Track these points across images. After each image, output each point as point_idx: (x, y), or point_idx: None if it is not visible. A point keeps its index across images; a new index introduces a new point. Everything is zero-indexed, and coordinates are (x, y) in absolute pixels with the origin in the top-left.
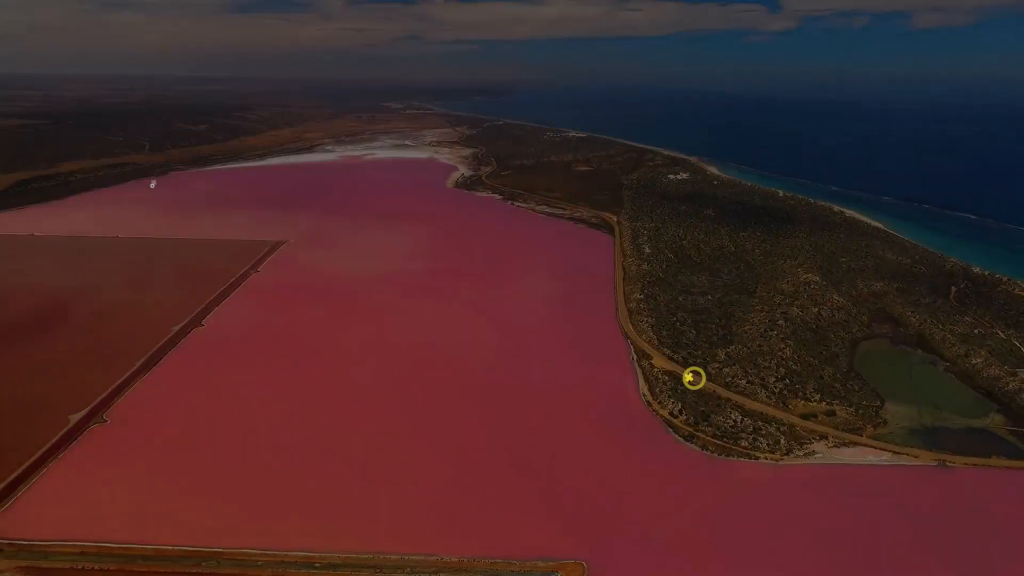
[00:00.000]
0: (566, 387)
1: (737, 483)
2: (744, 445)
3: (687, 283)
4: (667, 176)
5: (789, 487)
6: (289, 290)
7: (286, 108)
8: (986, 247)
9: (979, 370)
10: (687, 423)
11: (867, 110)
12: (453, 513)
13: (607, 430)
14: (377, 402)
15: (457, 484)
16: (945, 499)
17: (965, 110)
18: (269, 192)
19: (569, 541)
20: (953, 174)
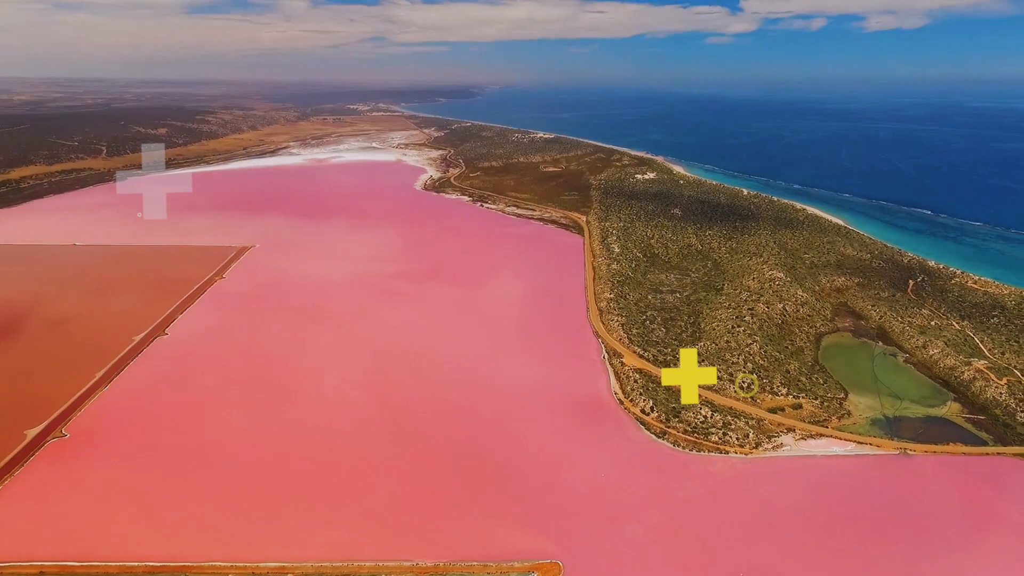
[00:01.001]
0: (538, 387)
1: (709, 478)
2: (715, 440)
3: (656, 281)
4: (634, 176)
5: (759, 480)
6: (256, 296)
7: (249, 111)
8: (941, 242)
9: (936, 360)
10: (659, 420)
11: (826, 110)
12: (427, 517)
13: (580, 429)
14: (347, 408)
15: (430, 488)
16: (907, 486)
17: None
18: (234, 196)
19: (545, 541)
20: (909, 172)
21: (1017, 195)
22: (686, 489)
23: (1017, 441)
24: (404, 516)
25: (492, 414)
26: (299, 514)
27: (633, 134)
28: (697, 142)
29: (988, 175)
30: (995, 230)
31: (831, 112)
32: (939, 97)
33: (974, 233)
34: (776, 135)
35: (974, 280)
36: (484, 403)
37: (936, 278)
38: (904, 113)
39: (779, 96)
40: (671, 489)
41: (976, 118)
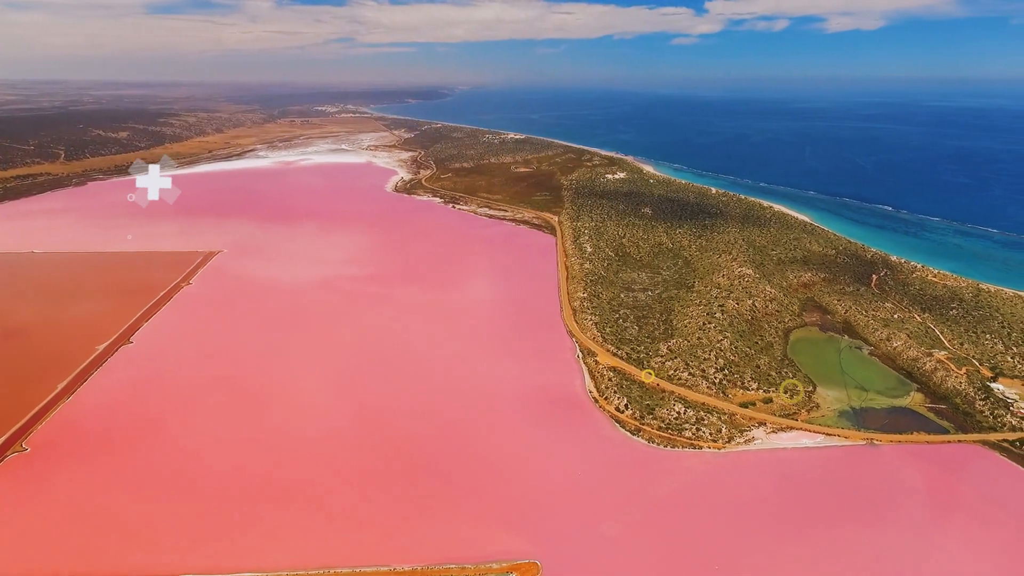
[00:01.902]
0: (513, 388)
1: (683, 473)
2: (688, 436)
3: (628, 280)
4: (605, 176)
5: (732, 474)
6: (224, 302)
7: (214, 113)
8: (902, 237)
9: (900, 352)
10: (633, 417)
11: (790, 109)
12: (404, 521)
13: (555, 428)
14: (320, 413)
15: (406, 491)
16: (874, 475)
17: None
18: (199, 201)
19: (522, 541)
20: (870, 169)
21: (972, 191)
22: (661, 485)
23: (976, 429)
24: (381, 520)
25: (467, 415)
26: (274, 521)
27: (603, 134)
28: (666, 142)
29: (945, 171)
30: (952, 225)
31: (794, 111)
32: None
33: (933, 228)
34: (742, 134)
35: (934, 274)
36: (458, 404)
37: (898, 272)
38: (864, 112)
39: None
40: (647, 486)
41: (932, 116)
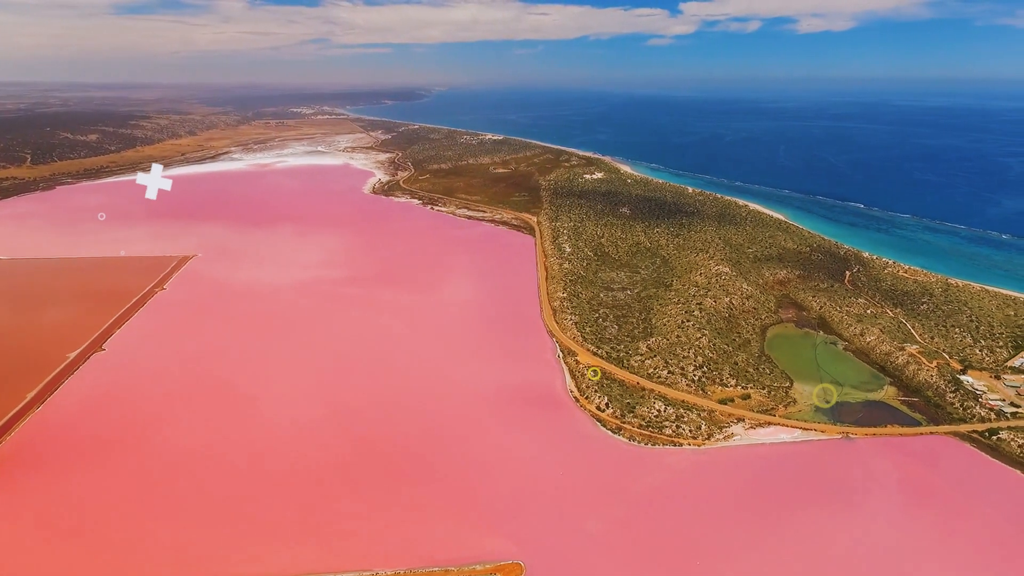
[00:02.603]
0: (494, 388)
1: (664, 471)
2: (669, 433)
3: (607, 280)
4: (583, 176)
5: (713, 470)
6: (200, 306)
7: (187, 115)
8: (873, 233)
9: (873, 347)
10: (614, 416)
11: (763, 109)
12: (387, 524)
13: (537, 428)
14: (299, 418)
15: (388, 494)
16: (850, 468)
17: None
18: (173, 204)
19: (506, 542)
20: (842, 167)
21: (940, 188)
22: (643, 482)
23: (947, 420)
24: (363, 524)
25: (448, 417)
26: (253, 529)
27: (580, 134)
28: (643, 142)
29: (914, 169)
30: (922, 221)
31: (768, 111)
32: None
33: (903, 225)
34: (718, 134)
35: (905, 269)
36: (440, 406)
37: (870, 268)
38: (835, 111)
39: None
40: (628, 483)
41: (901, 115)
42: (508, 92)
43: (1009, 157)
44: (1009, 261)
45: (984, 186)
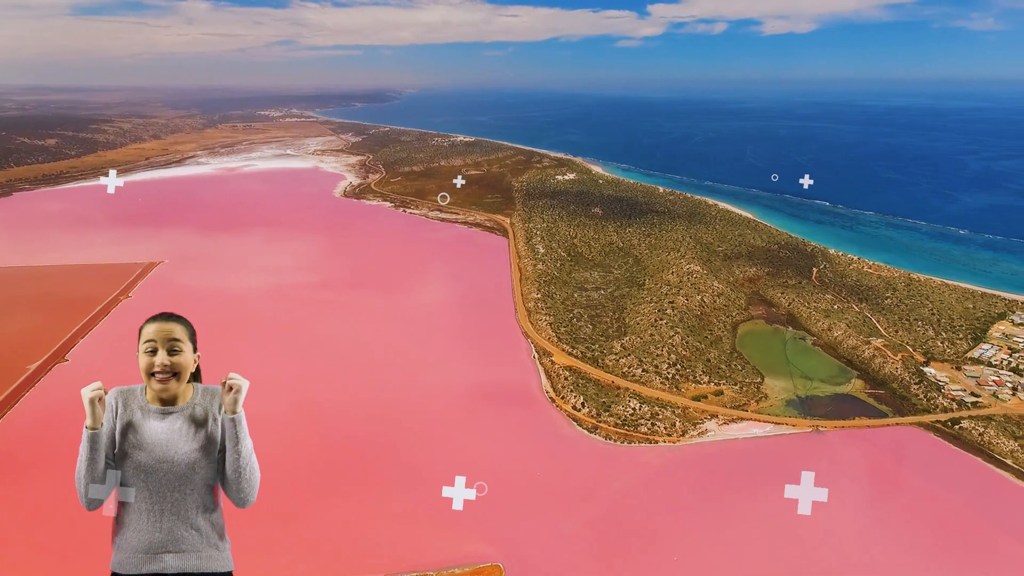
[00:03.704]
0: (469, 390)
1: (640, 468)
2: (644, 431)
3: (581, 280)
4: (555, 177)
5: (688, 466)
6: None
7: (150, 118)
8: (839, 230)
9: (840, 341)
10: (590, 415)
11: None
12: (360, 529)
13: (513, 429)
14: (272, 424)
15: (363, 500)
16: (821, 460)
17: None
18: (138, 210)
19: (483, 545)
20: (807, 166)
21: (902, 186)
22: (620, 480)
23: (912, 411)
24: (335, 529)
25: (423, 420)
26: None
27: (552, 136)
28: (613, 142)
29: (877, 168)
30: (885, 218)
31: (735, 111)
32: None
33: (867, 222)
34: (687, 134)
35: (869, 265)
36: (414, 409)
37: (836, 264)
38: (800, 111)
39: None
40: (605, 482)
41: (863, 115)
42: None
43: (965, 155)
44: (968, 256)
45: (943, 183)
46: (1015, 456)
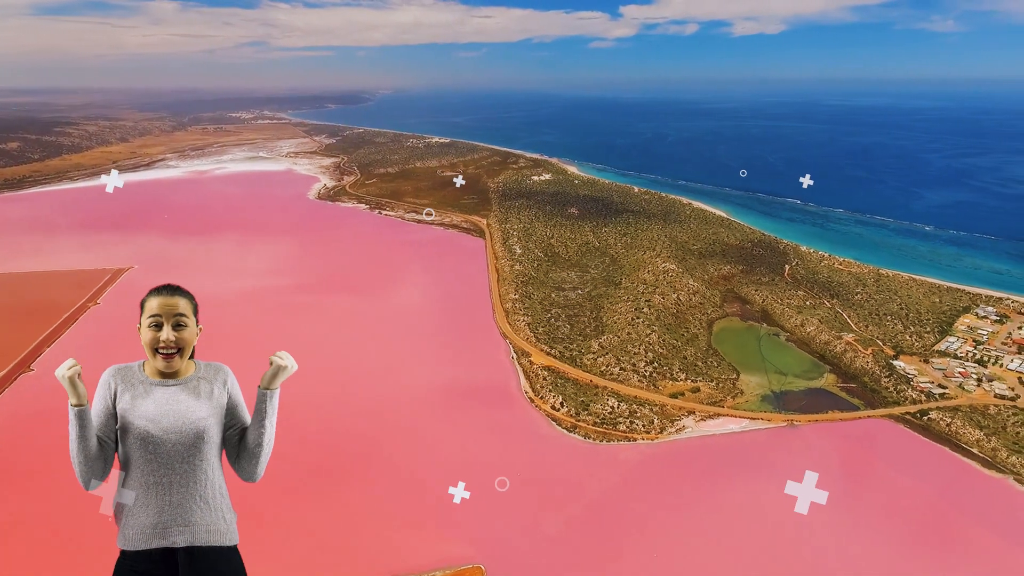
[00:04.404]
0: (448, 392)
1: (620, 466)
2: (622, 429)
3: (558, 280)
4: (531, 178)
5: (666, 463)
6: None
7: (117, 121)
8: (809, 228)
9: (813, 337)
10: (569, 415)
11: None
12: (338, 532)
13: (492, 430)
14: None
15: (342, 504)
16: (795, 453)
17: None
18: (106, 215)
19: (465, 546)
20: (778, 165)
21: (869, 183)
22: (599, 479)
23: (883, 404)
24: (313, 536)
25: (402, 423)
26: None
27: (527, 136)
28: (588, 143)
29: (845, 166)
30: (854, 216)
31: (707, 112)
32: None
33: (837, 219)
34: (660, 134)
35: (840, 261)
36: (392, 411)
37: (808, 261)
38: (770, 111)
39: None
40: (585, 480)
41: (830, 115)
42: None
43: (930, 153)
44: (933, 252)
45: (909, 181)
46: (980, 445)
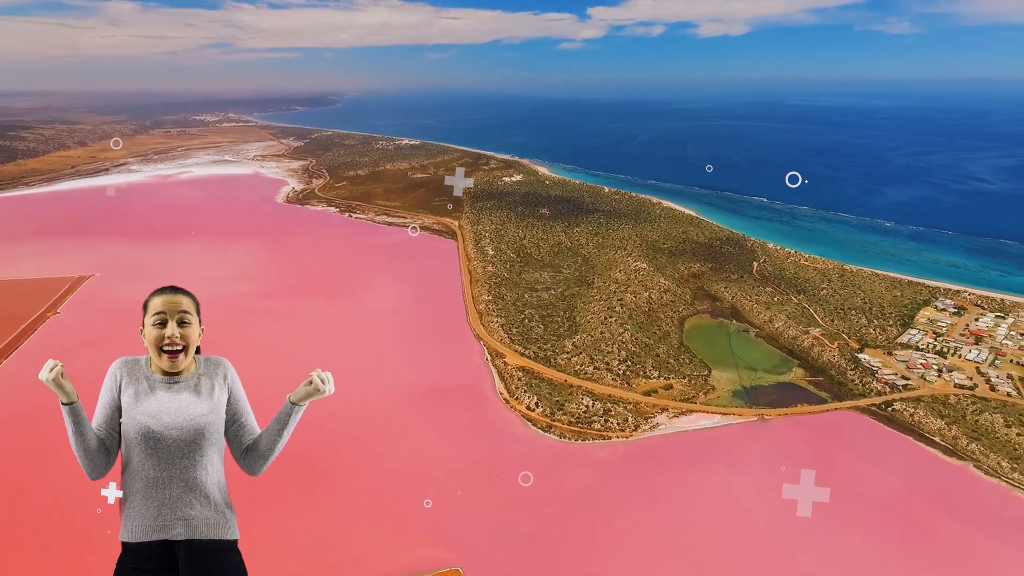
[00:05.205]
0: (422, 395)
1: (596, 464)
2: (597, 428)
3: (531, 280)
4: (503, 179)
5: (641, 460)
6: (100, 331)
7: (75, 124)
8: (776, 225)
9: (781, 332)
10: (544, 415)
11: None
12: (313, 538)
13: (468, 432)
14: None
15: (313, 507)
16: (766, 447)
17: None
18: (65, 221)
19: (442, 550)
20: (745, 164)
21: (832, 181)
22: (576, 478)
23: (849, 396)
24: (287, 543)
25: (375, 428)
26: None
27: (498, 138)
28: (559, 144)
29: (809, 164)
30: (818, 213)
31: (676, 112)
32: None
33: (802, 216)
34: (630, 135)
35: (805, 258)
36: (366, 417)
37: (775, 258)
38: (737, 111)
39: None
40: (562, 480)
41: (794, 114)
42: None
43: (889, 151)
44: (895, 247)
45: (869, 178)
46: (942, 434)
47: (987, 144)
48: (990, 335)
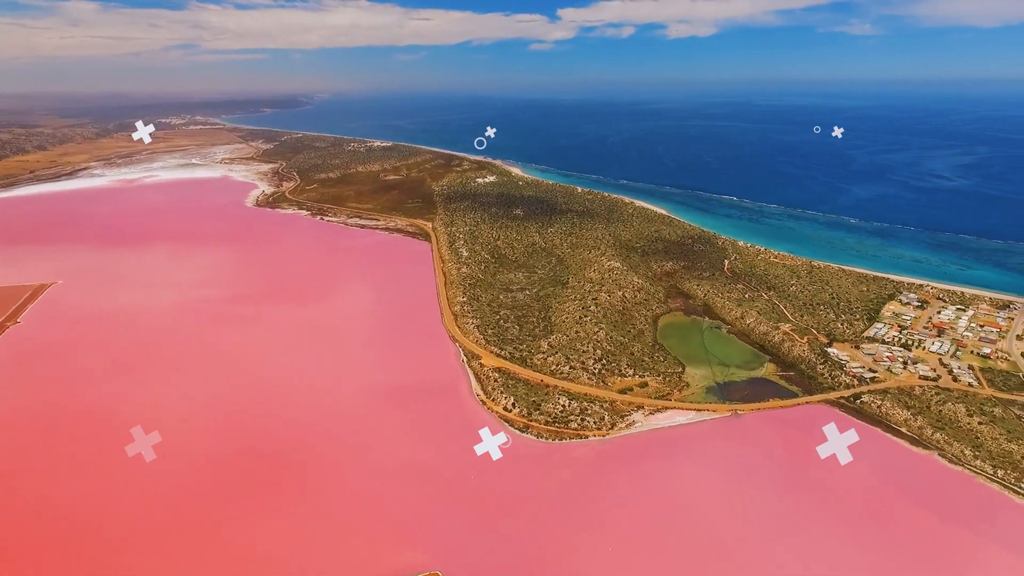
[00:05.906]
0: (398, 399)
1: (573, 464)
2: (574, 427)
3: (506, 281)
4: (476, 180)
5: (618, 458)
6: (62, 339)
7: (34, 128)
8: (746, 223)
9: (752, 328)
10: (521, 415)
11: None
12: (294, 543)
13: (445, 435)
14: (187, 449)
15: (294, 512)
16: (740, 441)
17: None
18: (24, 228)
19: (421, 554)
20: (715, 164)
21: (799, 179)
22: (554, 477)
23: (819, 390)
24: (268, 545)
25: (354, 433)
26: (143, 561)
27: (470, 139)
28: (531, 144)
29: (777, 163)
30: (787, 211)
31: (647, 112)
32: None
33: (771, 214)
34: (602, 135)
35: (775, 255)
36: (344, 419)
37: (745, 256)
38: (707, 112)
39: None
40: (540, 480)
41: (762, 114)
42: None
43: (854, 150)
44: (860, 243)
45: (835, 176)
46: (908, 424)
47: (947, 142)
48: (952, 327)
